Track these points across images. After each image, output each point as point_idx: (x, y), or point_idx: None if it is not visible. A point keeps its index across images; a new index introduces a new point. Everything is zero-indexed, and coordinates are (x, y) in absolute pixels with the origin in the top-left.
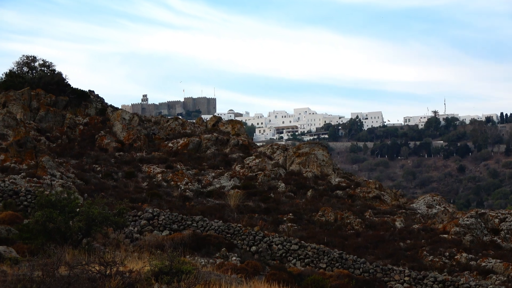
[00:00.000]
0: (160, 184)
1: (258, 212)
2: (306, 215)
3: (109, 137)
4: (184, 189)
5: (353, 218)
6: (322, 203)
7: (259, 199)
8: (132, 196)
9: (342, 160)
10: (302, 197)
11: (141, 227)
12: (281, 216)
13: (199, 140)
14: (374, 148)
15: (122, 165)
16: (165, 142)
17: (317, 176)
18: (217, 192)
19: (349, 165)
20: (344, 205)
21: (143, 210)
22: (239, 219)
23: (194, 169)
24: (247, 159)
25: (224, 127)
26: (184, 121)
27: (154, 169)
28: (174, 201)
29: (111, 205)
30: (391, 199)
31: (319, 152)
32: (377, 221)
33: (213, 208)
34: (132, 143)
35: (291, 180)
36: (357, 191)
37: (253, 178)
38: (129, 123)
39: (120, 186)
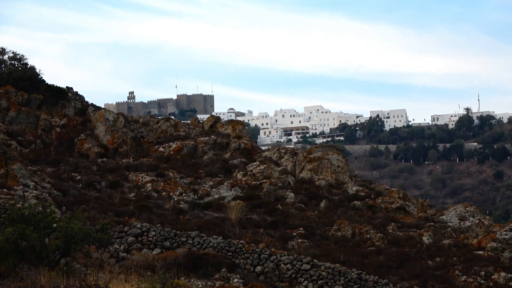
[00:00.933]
0: (150, 195)
1: (264, 227)
2: (319, 229)
3: (91, 141)
4: (178, 200)
5: (373, 233)
6: (337, 216)
7: (264, 211)
8: (117, 209)
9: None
10: (315, 209)
11: (128, 244)
12: (290, 231)
13: (194, 144)
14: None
15: (105, 173)
16: (155, 146)
17: (331, 184)
18: (216, 204)
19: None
20: (363, 218)
21: (131, 225)
22: (241, 234)
23: (189, 177)
24: (250, 165)
25: (224, 129)
26: (177, 122)
27: (142, 177)
28: (166, 215)
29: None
30: (417, 211)
31: (333, 156)
32: (402, 236)
33: (211, 222)
34: (117, 148)
35: (302, 189)
36: (378, 202)
37: (258, 187)
38: (114, 125)
39: (103, 197)
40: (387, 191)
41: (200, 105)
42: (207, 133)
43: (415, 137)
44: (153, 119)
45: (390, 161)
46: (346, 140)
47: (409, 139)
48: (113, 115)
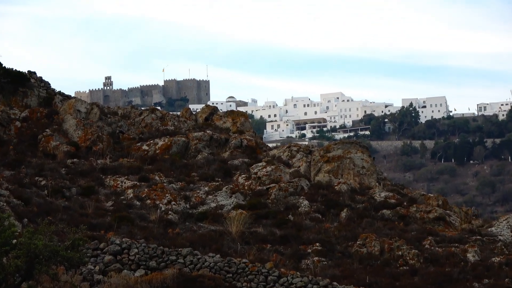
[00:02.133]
0: (132, 203)
1: (271, 242)
2: (340, 245)
3: (58, 138)
4: (166, 210)
5: (406, 249)
6: (362, 228)
7: (272, 223)
8: (91, 221)
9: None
10: (334, 220)
11: (104, 265)
12: (304, 247)
13: (186, 141)
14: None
15: (76, 177)
16: (137, 144)
17: (354, 189)
18: (212, 214)
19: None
20: (394, 231)
21: (108, 241)
22: (244, 252)
23: (179, 181)
24: (254, 166)
25: (222, 122)
26: (164, 113)
27: (122, 182)
28: (151, 228)
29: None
30: (460, 221)
31: (357, 155)
32: (441, 253)
33: (207, 237)
34: (90, 146)
35: (318, 195)
36: (412, 211)
37: (264, 194)
38: (86, 118)
39: (74, 207)
40: (423, 198)
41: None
42: (201, 127)
43: (458, 131)
44: (135, 110)
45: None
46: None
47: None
48: (85, 105)
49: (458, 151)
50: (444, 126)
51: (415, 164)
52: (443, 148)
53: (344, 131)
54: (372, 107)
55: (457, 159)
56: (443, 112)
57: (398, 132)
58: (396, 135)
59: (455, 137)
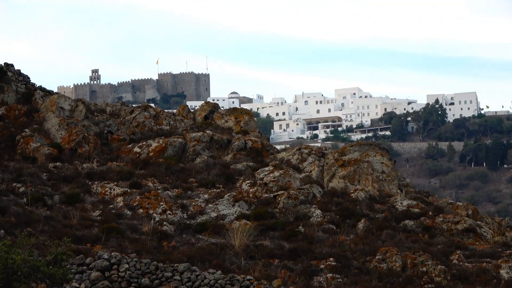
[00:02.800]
0: (122, 213)
1: (280, 257)
2: (357, 260)
3: (39, 139)
4: (160, 220)
5: (432, 265)
6: (381, 241)
7: (280, 235)
8: (76, 233)
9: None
10: (350, 232)
11: (91, 282)
12: (316, 263)
13: (183, 142)
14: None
15: (59, 184)
16: (128, 145)
17: (373, 197)
18: (213, 226)
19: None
20: (418, 244)
21: (95, 256)
22: (248, 267)
23: (175, 188)
24: (260, 171)
25: (223, 121)
26: (158, 111)
27: (111, 188)
28: (144, 241)
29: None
30: (492, 233)
31: (376, 158)
32: (471, 269)
33: (206, 251)
34: (75, 148)
35: (332, 204)
36: (438, 221)
37: (271, 202)
38: (71, 116)
39: (57, 217)
40: (451, 207)
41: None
42: (200, 126)
43: (490, 131)
44: (125, 107)
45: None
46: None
47: (482, 133)
48: (69, 102)
49: (491, 154)
50: (474, 126)
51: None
52: (473, 151)
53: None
54: (393, 104)
55: (489, 163)
56: (474, 109)
57: (423, 133)
58: (420, 135)
59: (487, 138)
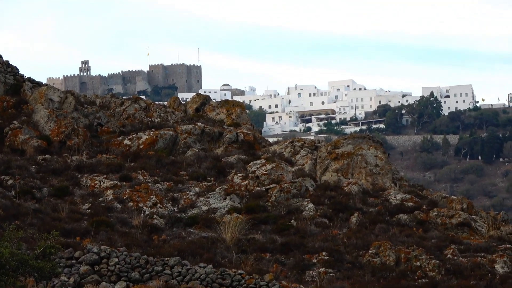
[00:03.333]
0: (111, 206)
1: (271, 251)
2: (349, 254)
3: (27, 131)
4: (151, 214)
5: (426, 259)
6: (375, 235)
7: (272, 229)
8: (65, 227)
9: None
10: (343, 226)
11: (80, 276)
12: (309, 257)
13: (173, 135)
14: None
15: (48, 176)
16: (118, 138)
17: (366, 191)
18: (204, 219)
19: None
20: (412, 238)
21: (84, 249)
22: (239, 262)
23: (166, 181)
24: (252, 164)
25: (215, 113)
26: (149, 103)
27: (100, 181)
28: (133, 234)
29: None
30: (487, 228)
31: (369, 151)
32: (465, 264)
33: (197, 245)
34: (64, 140)
35: (325, 197)
36: (433, 215)
37: (263, 196)
38: (60, 108)
39: (45, 210)
40: (446, 201)
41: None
42: (191, 119)
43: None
44: (115, 99)
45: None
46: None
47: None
48: (59, 94)
49: (486, 147)
50: (470, 119)
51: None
52: (468, 144)
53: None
54: (387, 96)
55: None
56: (469, 102)
57: (417, 126)
58: (415, 128)
59: (482, 131)
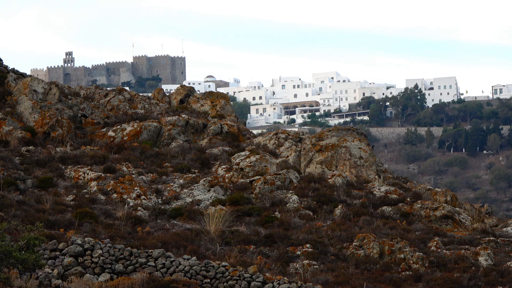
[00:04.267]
0: (95, 197)
1: (255, 243)
2: (334, 246)
3: (11, 122)
4: (135, 206)
5: (409, 251)
6: (359, 227)
7: (256, 221)
8: (49, 218)
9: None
10: (327, 218)
11: (64, 268)
12: (293, 249)
13: (158, 126)
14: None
15: (32, 168)
16: (102, 129)
17: (350, 183)
18: (188, 211)
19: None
20: (395, 230)
21: (68, 241)
22: (223, 254)
23: (150, 173)
24: (236, 156)
25: (199, 105)
26: (133, 94)
27: (84, 173)
28: (117, 226)
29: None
30: (471, 220)
31: (353, 143)
32: (449, 256)
33: (181, 237)
34: (48, 132)
35: (309, 189)
36: (417, 208)
37: (247, 188)
38: (44, 99)
39: (29, 201)
40: (429, 193)
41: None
42: (175, 110)
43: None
44: (99, 90)
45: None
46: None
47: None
48: (43, 85)
49: (470, 139)
50: (454, 111)
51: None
52: (452, 136)
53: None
54: (371, 88)
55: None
56: (453, 94)
57: (401, 118)
58: (399, 121)
59: (466, 124)
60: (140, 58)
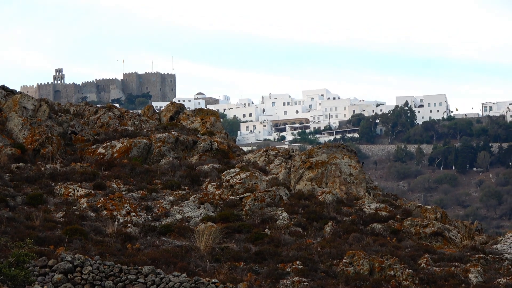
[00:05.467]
0: (85, 214)
1: (246, 259)
2: (323, 263)
3: (1, 139)
4: (124, 222)
5: (399, 268)
6: (349, 244)
7: (246, 238)
8: (39, 235)
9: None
10: (317, 235)
11: (54, 284)
12: (283, 266)
13: (148, 143)
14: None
15: (22, 184)
16: (92, 146)
17: (340, 200)
18: (178, 228)
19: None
20: (385, 247)
21: (57, 257)
22: (214, 270)
23: (140, 190)
24: (226, 173)
25: (189, 122)
26: (123, 111)
27: (74, 190)
28: (107, 243)
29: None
30: (461, 237)
31: (343, 160)
32: (439, 273)
33: (171, 254)
34: (38, 149)
35: (299, 206)
36: (407, 225)
37: (237, 205)
38: (34, 116)
39: (19, 218)
40: (419, 210)
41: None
42: (165, 127)
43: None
44: (89, 107)
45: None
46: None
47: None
48: (33, 102)
49: (460, 157)
50: (444, 128)
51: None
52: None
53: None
54: (361, 106)
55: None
56: (443, 112)
57: (391, 135)
58: (389, 138)
59: (456, 141)
60: (130, 75)
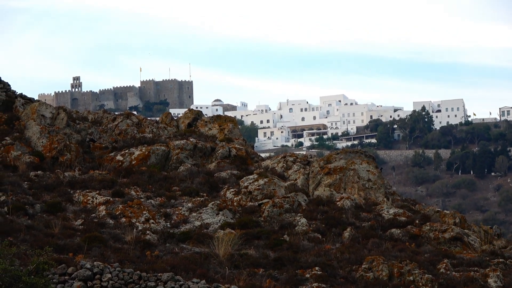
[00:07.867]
0: (104, 222)
1: (264, 266)
2: (343, 269)
3: (20, 147)
4: (143, 229)
5: (418, 274)
6: (368, 250)
7: (265, 244)
8: (58, 243)
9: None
10: (336, 241)
11: None
12: (302, 272)
13: (166, 150)
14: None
15: (41, 192)
16: (110, 153)
17: (359, 205)
18: (196, 234)
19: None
20: (404, 253)
21: (77, 265)
22: (233, 277)
23: (158, 197)
24: (245, 179)
25: (207, 128)
26: (141, 119)
27: (93, 197)
28: (126, 250)
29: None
30: (480, 242)
31: (362, 166)
32: (458, 278)
33: (190, 261)
34: (57, 157)
35: (317, 212)
36: (425, 230)
37: (255, 211)
38: (52, 124)
39: (38, 226)
40: (438, 215)
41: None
42: (183, 134)
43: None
44: (107, 115)
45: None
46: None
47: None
48: (51, 110)
49: (478, 161)
50: (461, 133)
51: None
52: (460, 159)
53: (347, 139)
54: (379, 111)
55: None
56: (461, 117)
57: (409, 140)
58: (407, 143)
59: (474, 146)
60: (148, 83)
